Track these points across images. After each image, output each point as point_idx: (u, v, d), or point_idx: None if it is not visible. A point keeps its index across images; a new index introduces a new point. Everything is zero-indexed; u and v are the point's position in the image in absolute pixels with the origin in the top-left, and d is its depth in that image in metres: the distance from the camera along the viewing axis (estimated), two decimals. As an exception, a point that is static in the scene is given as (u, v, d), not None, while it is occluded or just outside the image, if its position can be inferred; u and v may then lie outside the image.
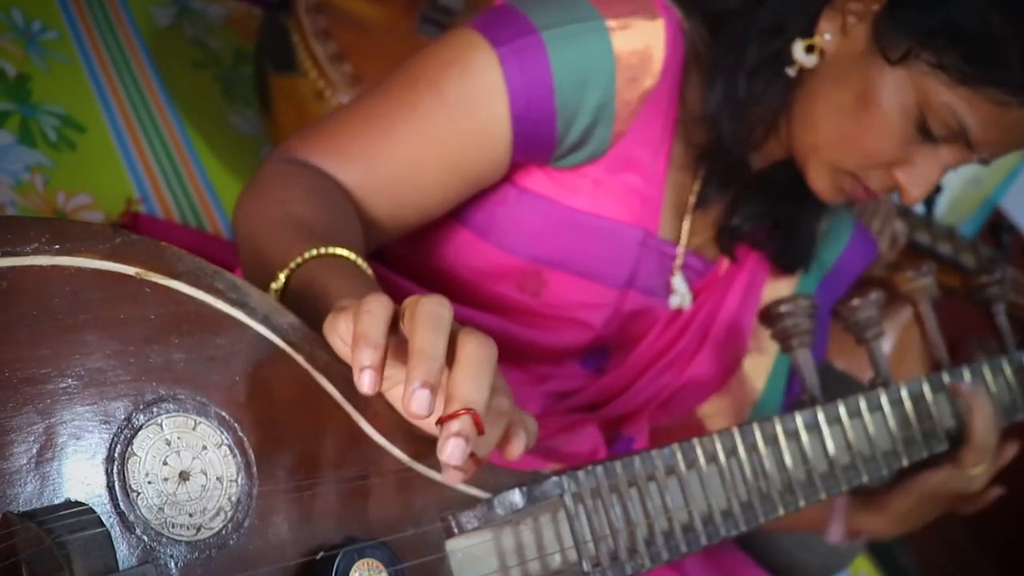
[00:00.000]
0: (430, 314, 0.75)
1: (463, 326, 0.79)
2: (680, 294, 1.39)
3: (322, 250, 0.93)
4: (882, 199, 1.25)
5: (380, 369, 0.74)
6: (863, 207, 1.71)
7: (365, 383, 0.74)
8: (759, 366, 1.46)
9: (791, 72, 1.21)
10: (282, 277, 0.92)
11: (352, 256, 0.95)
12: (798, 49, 1.19)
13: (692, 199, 1.34)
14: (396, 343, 0.78)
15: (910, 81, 1.12)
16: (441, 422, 0.73)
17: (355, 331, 0.75)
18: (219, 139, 2.04)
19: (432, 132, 1.15)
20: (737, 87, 1.22)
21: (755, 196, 1.37)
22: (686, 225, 1.35)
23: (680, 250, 1.37)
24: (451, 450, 0.72)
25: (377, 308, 0.76)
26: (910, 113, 1.13)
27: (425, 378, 0.72)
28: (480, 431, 0.74)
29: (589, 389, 1.38)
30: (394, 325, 0.78)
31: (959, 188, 2.45)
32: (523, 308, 1.31)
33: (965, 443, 1.25)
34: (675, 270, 1.38)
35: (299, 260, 0.93)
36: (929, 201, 2.08)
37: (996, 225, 2.19)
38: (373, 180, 1.15)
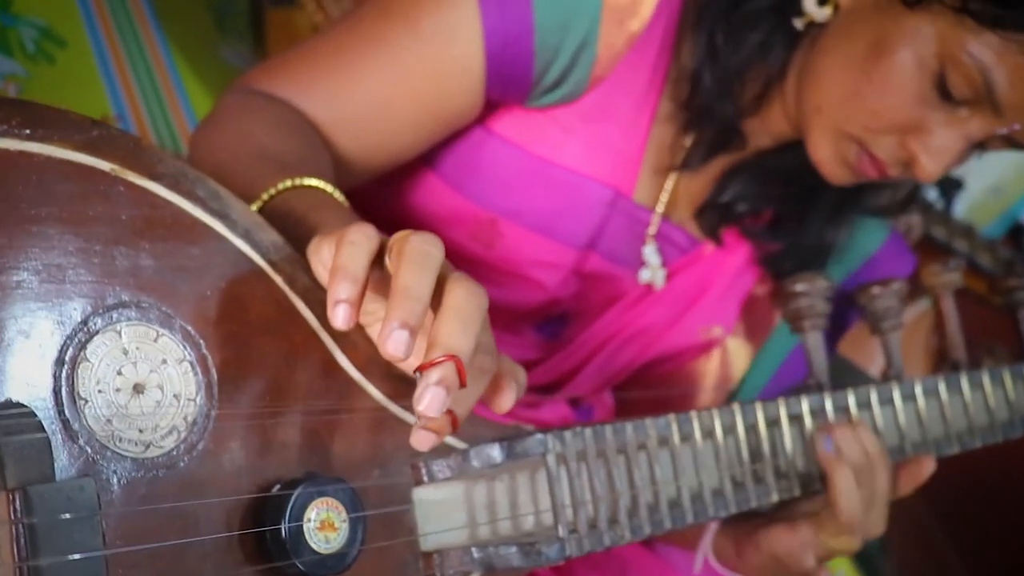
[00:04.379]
0: (418, 252, 0.70)
1: (454, 270, 0.74)
2: (651, 268, 1.28)
3: (296, 181, 0.88)
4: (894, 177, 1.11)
5: (357, 304, 0.70)
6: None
7: (339, 317, 0.69)
8: (743, 354, 1.35)
9: (799, 25, 1.10)
10: (253, 209, 0.85)
11: (328, 187, 0.90)
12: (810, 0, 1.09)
13: (676, 160, 1.22)
14: (380, 278, 0.73)
15: (930, 27, 0.99)
16: (421, 370, 0.68)
17: (335, 262, 0.70)
18: (207, 70, 1.96)
19: (403, 69, 1.08)
20: (716, 35, 1.12)
21: (753, 174, 1.25)
22: (667, 188, 1.24)
23: (655, 218, 1.25)
24: (429, 400, 0.67)
25: (361, 239, 0.71)
26: (927, 66, 1.01)
27: (405, 318, 0.67)
28: (463, 383, 0.68)
29: (542, 364, 1.27)
30: (380, 259, 0.73)
31: (979, 195, 2.35)
32: (475, 259, 1.22)
33: (827, 509, 1.04)
34: (647, 239, 1.26)
35: (272, 192, 0.87)
36: (948, 196, 2.00)
37: (1017, 228, 2.14)
38: (340, 117, 1.08)
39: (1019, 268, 1.64)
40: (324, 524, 0.73)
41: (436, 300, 0.71)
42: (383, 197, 1.24)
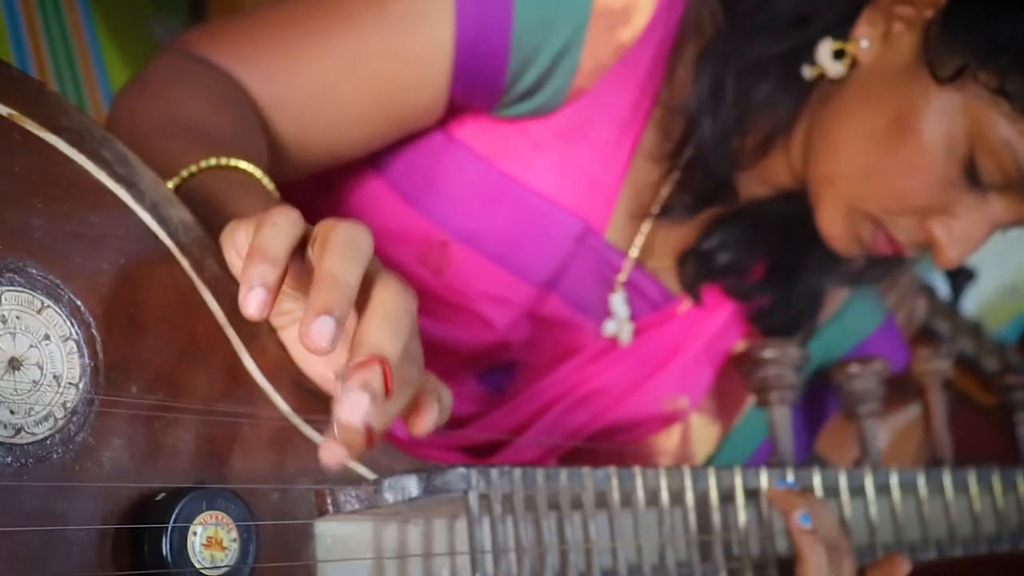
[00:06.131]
0: (347, 241, 0.63)
1: (383, 268, 0.67)
2: (618, 320, 1.17)
3: (222, 161, 0.82)
4: (906, 263, 1.05)
5: (274, 291, 0.62)
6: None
7: (251, 303, 0.62)
8: (708, 433, 1.25)
9: (808, 74, 1.04)
10: (170, 186, 0.78)
11: (256, 173, 0.83)
12: (824, 51, 1.03)
13: (657, 204, 1.14)
14: (300, 270, 0.66)
15: (962, 108, 0.95)
16: (345, 373, 0.61)
17: (253, 242, 0.63)
18: (132, 44, 1.80)
19: (362, 51, 1.01)
20: (722, 82, 1.05)
21: (742, 222, 1.16)
22: (643, 231, 1.15)
23: (628, 263, 1.15)
24: (352, 407, 0.59)
25: (285, 221, 0.65)
26: (957, 148, 0.96)
27: (330, 305, 0.60)
28: (388, 392, 0.61)
29: (481, 419, 1.15)
30: (301, 252, 0.66)
31: (993, 295, 2.26)
32: (419, 287, 1.10)
33: None
34: (616, 286, 1.16)
35: (193, 169, 0.80)
36: (957, 287, 1.91)
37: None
38: (284, 96, 1.00)
39: (1020, 367, 1.56)
40: (211, 541, 0.66)
41: (360, 301, 0.64)
42: (321, 202, 1.15)
